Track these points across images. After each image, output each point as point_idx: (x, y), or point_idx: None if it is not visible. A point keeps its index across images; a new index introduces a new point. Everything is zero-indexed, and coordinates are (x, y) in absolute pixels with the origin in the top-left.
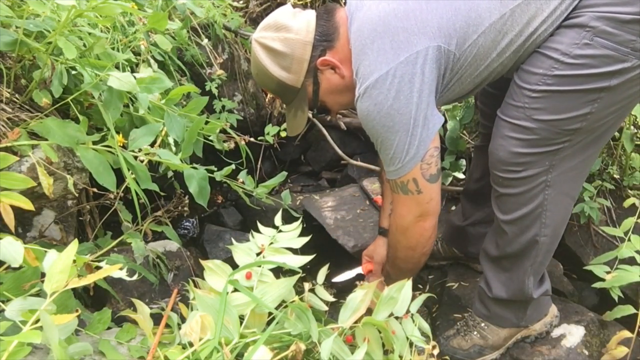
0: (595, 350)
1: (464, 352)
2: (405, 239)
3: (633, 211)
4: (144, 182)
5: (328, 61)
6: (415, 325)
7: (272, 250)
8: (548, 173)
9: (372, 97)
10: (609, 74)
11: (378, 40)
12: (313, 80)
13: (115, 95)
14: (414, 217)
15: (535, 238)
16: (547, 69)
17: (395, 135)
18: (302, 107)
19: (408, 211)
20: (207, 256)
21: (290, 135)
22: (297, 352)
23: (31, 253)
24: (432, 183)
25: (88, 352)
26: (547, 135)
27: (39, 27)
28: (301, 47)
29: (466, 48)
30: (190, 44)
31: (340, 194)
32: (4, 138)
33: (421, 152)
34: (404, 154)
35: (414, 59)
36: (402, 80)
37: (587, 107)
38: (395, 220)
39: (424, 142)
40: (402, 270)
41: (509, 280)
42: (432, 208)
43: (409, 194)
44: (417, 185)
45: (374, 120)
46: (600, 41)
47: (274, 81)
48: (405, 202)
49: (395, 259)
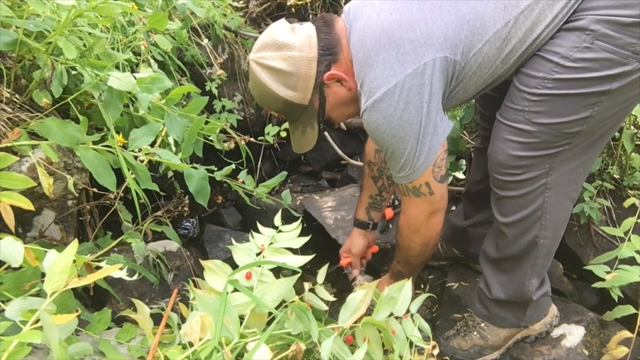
0: (595, 350)
1: (464, 352)
2: (419, 237)
3: (633, 211)
4: (144, 182)
5: (335, 75)
6: (415, 325)
7: (272, 250)
8: (548, 175)
9: (381, 110)
10: (609, 78)
11: (383, 53)
12: (320, 96)
13: (115, 95)
14: (426, 216)
15: (535, 240)
16: (547, 73)
17: (406, 144)
18: (311, 124)
19: (420, 211)
20: (207, 256)
21: (298, 152)
22: (297, 352)
23: (31, 253)
24: (442, 183)
25: (88, 352)
26: (547, 138)
27: (39, 27)
28: (306, 64)
29: (471, 57)
30: (190, 44)
31: (340, 194)
32: (4, 138)
33: (432, 157)
34: (415, 160)
35: (422, 70)
36: (411, 92)
37: (588, 111)
38: (407, 222)
39: (434, 147)
40: (415, 265)
41: (508, 282)
42: (442, 205)
43: (422, 196)
44: (430, 188)
45: (384, 132)
46: (600, 44)
47: (280, 101)
48: (417, 203)
49: (409, 257)
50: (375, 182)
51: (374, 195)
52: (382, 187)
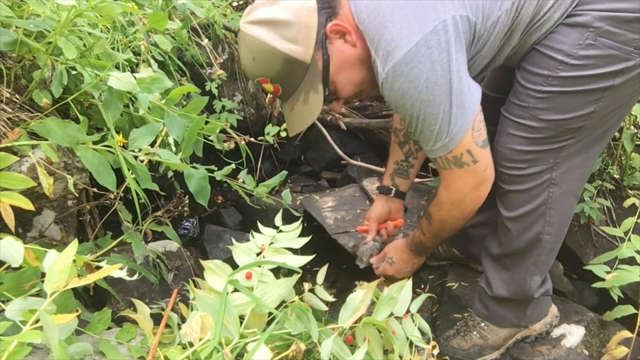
0: (595, 350)
1: (463, 352)
2: (459, 211)
3: (633, 211)
4: (144, 182)
5: (339, 26)
6: (415, 325)
7: (272, 250)
8: (552, 171)
9: (405, 73)
10: (612, 74)
11: (399, 11)
12: (322, 52)
13: (115, 95)
14: (471, 189)
15: (538, 236)
16: (551, 71)
17: (438, 108)
18: (315, 87)
19: (465, 184)
20: (207, 256)
21: (299, 130)
22: (297, 352)
23: (31, 253)
24: (485, 149)
25: (88, 352)
26: (551, 133)
27: (39, 27)
28: (306, 13)
29: (490, 25)
30: (190, 44)
31: (340, 194)
32: (4, 138)
33: (469, 120)
34: (451, 125)
35: (443, 27)
36: (435, 51)
37: (591, 106)
38: (449, 197)
39: (470, 108)
40: (443, 239)
41: (510, 279)
42: (488, 174)
43: (464, 166)
44: (472, 155)
45: (411, 98)
46: (604, 41)
47: (280, 59)
48: (461, 175)
49: (440, 231)
50: (401, 148)
51: (400, 161)
52: (408, 152)
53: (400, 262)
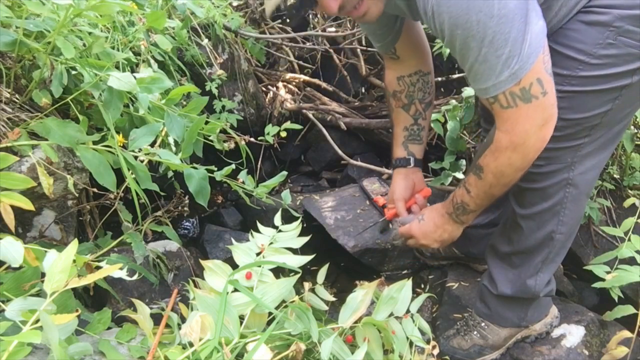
0: (595, 350)
1: (464, 352)
2: (521, 157)
3: (633, 211)
4: (144, 182)
5: None
6: (415, 325)
7: (272, 250)
8: (570, 170)
9: None
10: (630, 72)
11: None
12: None
13: (115, 95)
14: (537, 129)
15: (551, 235)
16: (571, 70)
17: (511, 24)
18: None
19: (532, 123)
20: (207, 256)
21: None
22: (297, 352)
23: (31, 253)
24: (552, 78)
25: (88, 352)
26: (570, 132)
27: (38, 27)
28: None
29: None
30: (190, 44)
31: (340, 194)
32: (4, 138)
33: (542, 40)
34: (525, 45)
35: None
36: None
37: (609, 105)
38: (511, 140)
39: (544, 27)
40: (493, 197)
41: (516, 277)
42: (555, 110)
43: (533, 100)
44: (543, 86)
45: (479, 13)
46: (624, 40)
47: None
48: (527, 113)
49: (493, 187)
50: (407, 111)
51: (409, 125)
52: (416, 114)
53: (430, 223)
